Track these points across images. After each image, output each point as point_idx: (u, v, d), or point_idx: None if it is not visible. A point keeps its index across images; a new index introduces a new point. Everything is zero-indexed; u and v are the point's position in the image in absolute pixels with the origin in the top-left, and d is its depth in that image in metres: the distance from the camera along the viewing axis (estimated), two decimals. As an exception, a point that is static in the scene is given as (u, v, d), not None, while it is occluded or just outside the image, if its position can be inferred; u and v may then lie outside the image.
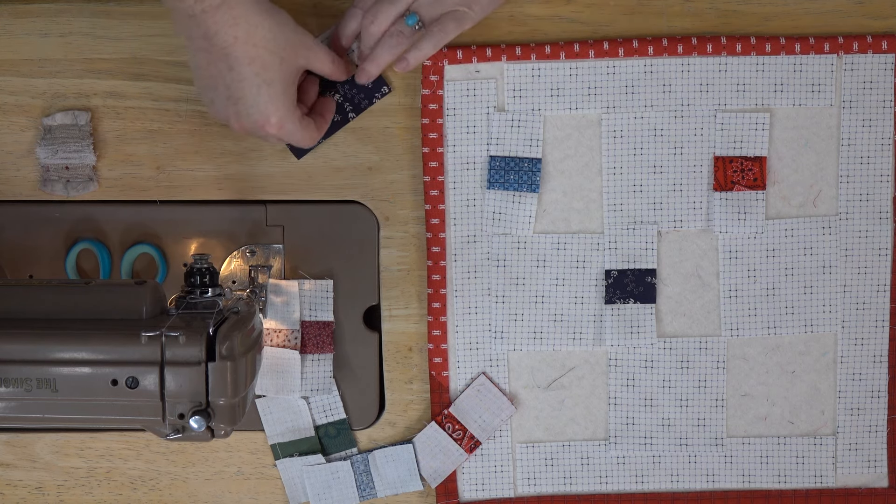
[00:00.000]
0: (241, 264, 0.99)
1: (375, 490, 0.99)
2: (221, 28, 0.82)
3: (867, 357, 0.98)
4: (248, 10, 0.82)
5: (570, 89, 0.96)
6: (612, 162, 0.97)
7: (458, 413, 0.98)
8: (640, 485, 0.99)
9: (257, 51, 0.83)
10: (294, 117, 0.88)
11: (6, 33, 0.96)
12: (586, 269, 0.97)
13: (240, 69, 0.84)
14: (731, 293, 0.97)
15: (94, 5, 0.96)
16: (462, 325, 0.98)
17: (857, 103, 0.96)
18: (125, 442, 0.99)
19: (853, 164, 0.96)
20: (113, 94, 0.97)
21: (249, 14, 0.82)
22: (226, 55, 0.83)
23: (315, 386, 0.98)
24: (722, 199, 0.96)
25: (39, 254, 0.98)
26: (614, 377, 0.98)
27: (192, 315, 0.85)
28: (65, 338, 0.82)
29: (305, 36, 0.88)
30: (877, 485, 0.99)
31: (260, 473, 1.00)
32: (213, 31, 0.82)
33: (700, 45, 0.95)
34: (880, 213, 0.97)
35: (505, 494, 0.99)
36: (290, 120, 0.87)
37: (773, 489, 0.99)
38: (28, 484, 1.00)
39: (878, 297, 0.97)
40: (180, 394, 0.81)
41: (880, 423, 0.98)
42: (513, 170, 0.96)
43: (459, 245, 0.98)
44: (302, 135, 0.90)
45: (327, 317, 0.98)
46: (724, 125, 0.96)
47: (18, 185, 0.98)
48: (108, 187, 0.98)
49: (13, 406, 0.82)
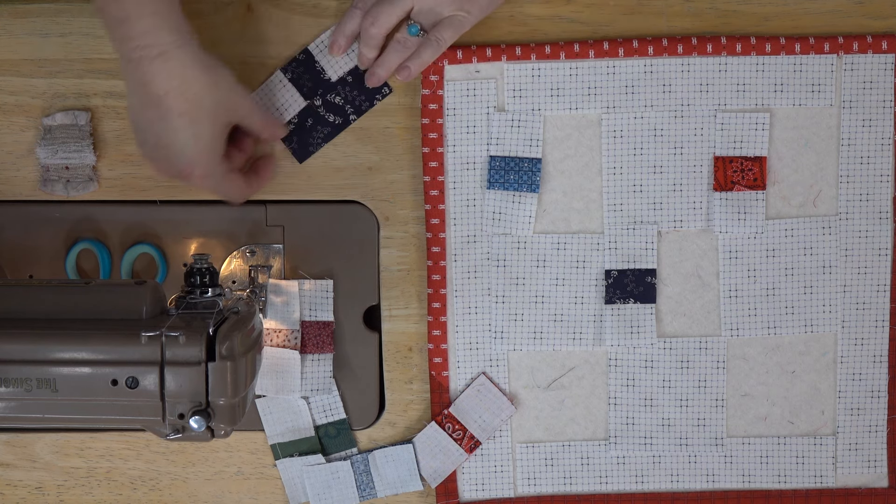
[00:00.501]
0: (241, 264, 0.99)
1: (375, 490, 0.99)
2: (156, 78, 0.83)
3: (867, 357, 0.98)
4: (185, 65, 0.84)
5: (570, 89, 0.96)
6: (612, 162, 0.97)
7: (458, 413, 0.98)
8: (640, 485, 0.99)
9: (188, 105, 0.84)
10: (218, 172, 0.89)
11: (6, 33, 0.96)
12: (586, 270, 0.97)
13: (170, 119, 0.85)
14: (731, 293, 0.97)
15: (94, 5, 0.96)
16: (462, 325, 0.98)
17: (857, 103, 0.96)
18: (125, 442, 0.99)
19: (853, 165, 0.96)
20: (113, 94, 0.97)
21: (185, 68, 0.84)
22: (157, 104, 0.84)
23: (315, 386, 0.98)
24: (722, 199, 0.96)
25: (39, 254, 0.98)
26: (614, 377, 0.98)
27: (192, 315, 0.85)
28: (65, 338, 0.82)
29: (241, 95, 0.89)
30: (877, 485, 0.99)
31: (260, 473, 1.00)
32: (149, 79, 0.84)
33: (700, 45, 0.95)
34: (880, 214, 0.97)
35: (505, 494, 0.99)
36: (214, 175, 0.89)
37: (772, 489, 0.99)
38: (28, 484, 1.00)
39: (878, 298, 0.97)
40: (180, 394, 0.81)
41: (880, 424, 0.98)
42: (513, 170, 0.96)
43: (459, 245, 0.98)
44: (227, 189, 0.91)
45: (327, 317, 0.98)
46: (724, 125, 0.96)
47: (18, 185, 0.98)
48: (108, 187, 0.98)
49: (13, 406, 0.82)
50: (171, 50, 0.83)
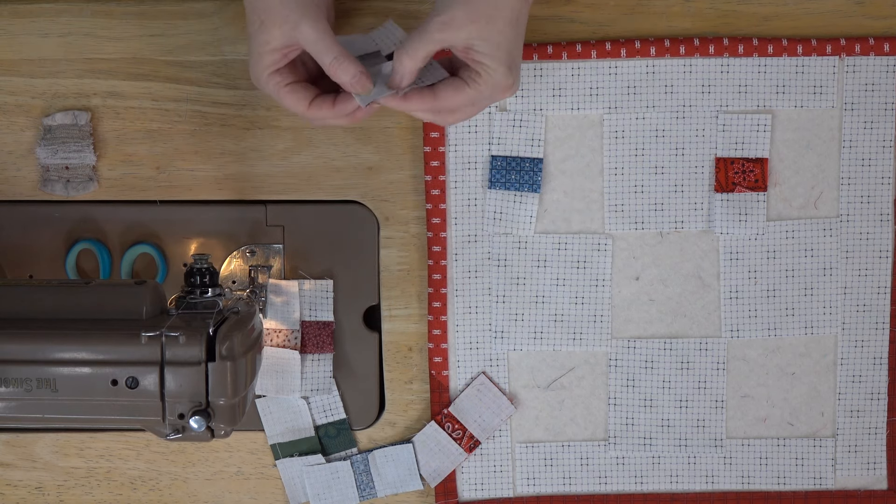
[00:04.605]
0: (241, 264, 0.99)
1: (375, 490, 0.99)
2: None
3: (867, 359, 0.98)
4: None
5: (572, 89, 0.96)
6: (614, 162, 0.97)
7: (457, 413, 0.98)
8: (639, 485, 0.99)
9: (252, 12, 0.84)
10: (269, 85, 0.86)
11: (6, 33, 0.96)
12: (587, 270, 0.97)
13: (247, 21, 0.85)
14: (731, 294, 0.97)
15: (94, 5, 0.96)
16: (462, 325, 0.98)
17: (859, 105, 0.96)
18: (125, 442, 0.99)
19: (854, 167, 0.96)
20: (113, 94, 0.97)
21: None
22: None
23: (315, 386, 0.98)
24: (723, 200, 0.96)
25: (39, 254, 0.98)
26: (614, 377, 0.98)
27: (192, 315, 0.85)
28: (65, 338, 0.82)
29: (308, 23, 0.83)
30: (876, 487, 0.99)
31: (260, 473, 1.00)
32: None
33: (702, 46, 0.95)
34: (881, 216, 0.97)
35: (504, 494, 0.99)
36: (262, 86, 0.86)
37: (772, 490, 0.99)
38: (28, 484, 1.00)
39: (878, 300, 0.97)
40: (180, 394, 0.81)
41: (880, 426, 0.98)
42: (514, 169, 0.96)
43: (460, 244, 0.98)
44: (286, 104, 0.86)
45: (327, 317, 0.98)
46: (726, 126, 0.96)
47: (18, 185, 0.98)
48: (108, 187, 0.98)
49: (13, 406, 0.82)
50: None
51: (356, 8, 0.96)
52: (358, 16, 0.96)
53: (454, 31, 0.82)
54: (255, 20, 0.84)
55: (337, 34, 0.85)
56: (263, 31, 0.83)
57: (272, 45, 0.84)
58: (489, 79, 0.84)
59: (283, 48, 0.84)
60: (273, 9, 0.82)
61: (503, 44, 0.83)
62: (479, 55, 0.83)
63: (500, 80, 0.84)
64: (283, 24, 0.82)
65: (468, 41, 0.83)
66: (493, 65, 0.84)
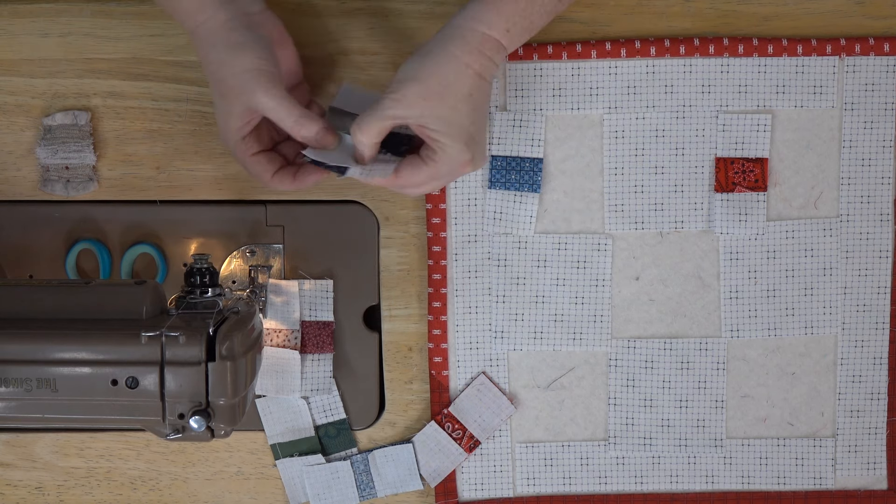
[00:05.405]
0: (241, 264, 0.99)
1: (375, 490, 0.99)
2: (197, 51, 0.87)
3: (867, 359, 0.98)
4: (208, 44, 0.85)
5: (572, 89, 0.96)
6: (614, 162, 0.97)
7: (457, 412, 0.98)
8: (639, 485, 0.99)
9: (213, 81, 0.86)
10: (238, 152, 0.88)
11: (6, 33, 0.96)
12: (587, 270, 0.97)
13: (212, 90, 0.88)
14: (731, 294, 0.97)
15: (94, 5, 0.96)
16: (462, 325, 0.98)
17: (859, 105, 0.96)
18: (125, 442, 0.99)
19: (854, 167, 0.96)
20: (113, 94, 0.97)
21: (208, 48, 0.85)
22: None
23: (315, 386, 0.98)
24: (723, 200, 0.96)
25: (39, 254, 0.98)
26: (614, 377, 0.98)
27: (192, 315, 0.86)
28: (65, 338, 0.82)
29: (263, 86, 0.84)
30: (876, 487, 0.99)
31: (260, 473, 1.00)
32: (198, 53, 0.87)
33: (702, 46, 0.95)
34: (881, 216, 0.97)
35: (504, 494, 0.99)
36: (235, 153, 0.89)
37: (772, 490, 0.99)
38: (28, 484, 1.00)
39: (878, 300, 0.97)
40: (180, 394, 0.81)
41: (880, 426, 0.98)
42: (514, 169, 0.96)
43: (460, 244, 0.98)
44: (252, 172, 0.90)
45: (327, 317, 0.98)
46: (726, 126, 0.96)
47: (18, 185, 0.98)
48: (108, 187, 0.98)
49: (13, 406, 0.82)
50: (196, 29, 0.85)
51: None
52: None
53: (406, 108, 0.83)
54: (216, 91, 0.86)
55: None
56: (225, 102, 0.86)
57: (234, 114, 0.86)
58: (444, 156, 0.85)
59: (245, 116, 0.86)
60: (227, 81, 0.85)
61: (456, 120, 0.84)
62: (433, 132, 0.84)
63: (457, 156, 0.85)
64: (240, 94, 0.84)
65: (421, 119, 0.84)
66: (448, 142, 0.84)
